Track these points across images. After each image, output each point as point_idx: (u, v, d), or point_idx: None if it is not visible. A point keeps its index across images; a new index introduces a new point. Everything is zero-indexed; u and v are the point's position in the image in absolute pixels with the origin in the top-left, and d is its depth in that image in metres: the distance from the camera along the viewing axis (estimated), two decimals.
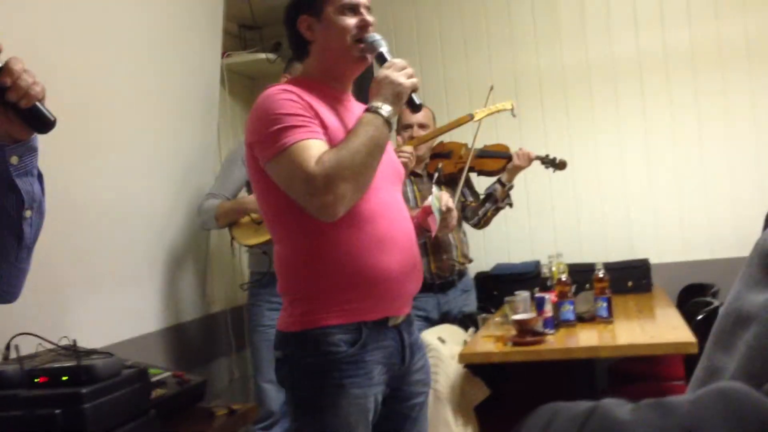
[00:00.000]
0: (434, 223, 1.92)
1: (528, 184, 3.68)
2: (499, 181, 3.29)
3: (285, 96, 1.68)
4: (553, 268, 2.93)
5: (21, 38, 2.07)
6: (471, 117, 3.03)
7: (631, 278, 3.58)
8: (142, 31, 2.80)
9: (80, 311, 2.34)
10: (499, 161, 3.28)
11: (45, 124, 1.10)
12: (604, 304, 2.79)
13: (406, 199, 3.34)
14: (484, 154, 3.29)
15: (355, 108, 1.85)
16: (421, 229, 1.95)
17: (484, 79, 3.56)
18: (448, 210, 1.94)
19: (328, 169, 1.58)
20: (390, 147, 1.88)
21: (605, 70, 3.87)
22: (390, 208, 1.78)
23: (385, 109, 1.67)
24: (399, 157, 2.34)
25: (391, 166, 1.86)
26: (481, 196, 3.36)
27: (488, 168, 3.31)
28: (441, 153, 3.34)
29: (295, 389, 1.72)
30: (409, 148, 2.86)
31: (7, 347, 1.77)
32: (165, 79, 2.97)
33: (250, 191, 3.01)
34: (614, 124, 3.86)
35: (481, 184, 3.41)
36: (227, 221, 2.97)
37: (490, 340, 2.68)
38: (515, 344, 2.54)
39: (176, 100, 3.07)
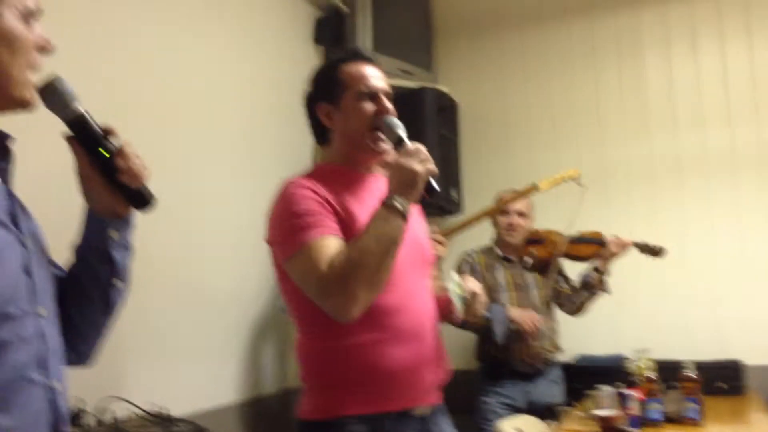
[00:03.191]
0: (455, 308, 1.86)
1: (611, 273, 3.61)
2: (595, 268, 3.25)
3: (301, 192, 1.69)
4: (640, 364, 2.83)
5: (134, 129, 2.23)
6: (535, 186, 3.03)
7: (721, 379, 3.40)
8: (241, 114, 2.95)
9: (160, 378, 2.40)
10: (592, 247, 3.26)
11: (147, 203, 1.21)
12: (694, 406, 2.66)
13: (498, 284, 3.33)
14: (577, 240, 3.27)
15: (382, 187, 1.70)
16: (447, 312, 1.88)
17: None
18: (474, 295, 1.88)
19: (338, 271, 1.54)
20: (420, 231, 1.86)
21: (697, 162, 3.82)
22: (413, 297, 1.75)
23: (399, 201, 1.58)
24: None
25: (417, 251, 1.81)
26: (573, 283, 3.33)
27: (581, 254, 3.29)
28: (534, 239, 3.34)
29: None
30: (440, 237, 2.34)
31: (99, 411, 1.82)
32: (257, 166, 3.11)
33: None
34: (706, 216, 3.77)
35: (574, 269, 3.37)
36: None
37: None
38: None
39: (267, 182, 3.18)
